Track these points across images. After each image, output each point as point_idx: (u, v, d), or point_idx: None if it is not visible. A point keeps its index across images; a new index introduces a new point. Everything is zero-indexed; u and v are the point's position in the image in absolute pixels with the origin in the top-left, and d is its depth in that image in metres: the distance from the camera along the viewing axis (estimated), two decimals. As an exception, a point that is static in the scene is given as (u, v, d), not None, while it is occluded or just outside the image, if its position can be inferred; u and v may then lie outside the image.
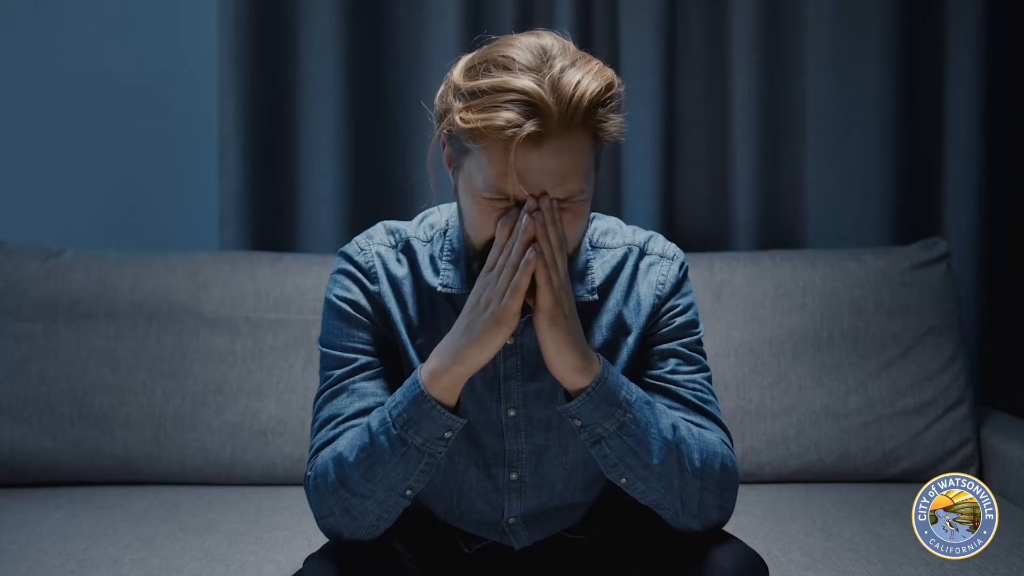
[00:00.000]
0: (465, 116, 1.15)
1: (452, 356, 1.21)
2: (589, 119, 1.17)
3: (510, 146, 1.13)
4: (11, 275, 2.07)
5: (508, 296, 1.18)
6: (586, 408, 1.22)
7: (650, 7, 2.26)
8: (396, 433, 1.22)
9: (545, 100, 1.13)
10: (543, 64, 1.16)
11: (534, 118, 1.13)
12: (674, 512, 1.27)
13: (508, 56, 1.17)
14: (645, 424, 1.23)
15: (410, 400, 1.22)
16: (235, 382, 2.05)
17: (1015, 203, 2.38)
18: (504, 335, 1.21)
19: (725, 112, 2.35)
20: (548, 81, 1.14)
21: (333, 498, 1.25)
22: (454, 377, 1.22)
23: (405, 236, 1.37)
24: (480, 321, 1.20)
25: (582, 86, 1.15)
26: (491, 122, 1.13)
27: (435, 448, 1.23)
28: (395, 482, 1.23)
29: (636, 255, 1.38)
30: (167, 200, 2.42)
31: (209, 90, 2.34)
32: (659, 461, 1.23)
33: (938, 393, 2.08)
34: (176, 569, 1.60)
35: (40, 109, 2.39)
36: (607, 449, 1.24)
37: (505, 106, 1.13)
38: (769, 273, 2.13)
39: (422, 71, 2.31)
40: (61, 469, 2.01)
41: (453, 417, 1.22)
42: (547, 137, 1.15)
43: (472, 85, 1.16)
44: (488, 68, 1.17)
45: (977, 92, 2.28)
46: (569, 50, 1.19)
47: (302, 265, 2.12)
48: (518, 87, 1.14)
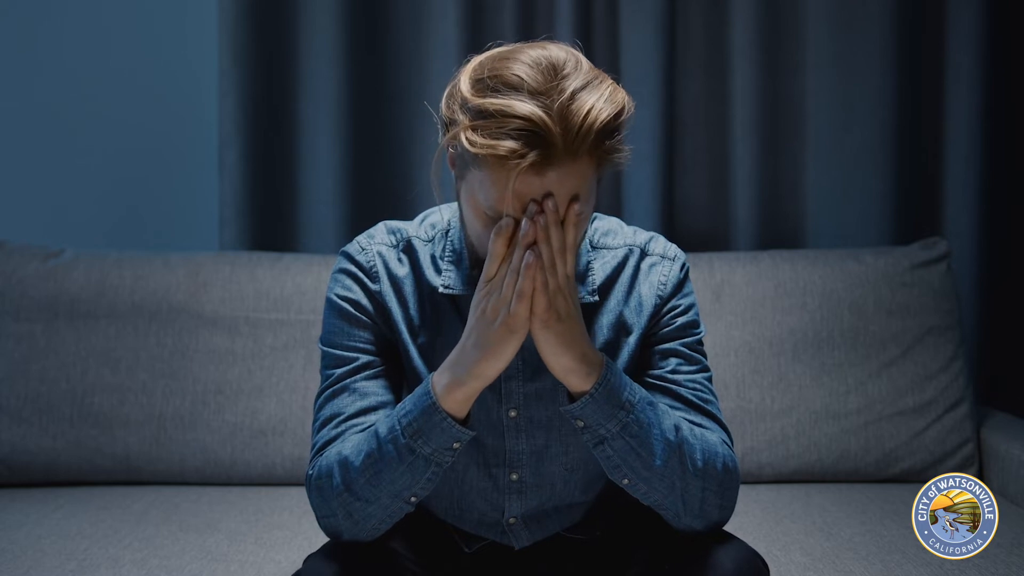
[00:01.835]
0: (471, 138, 1.13)
1: (467, 370, 1.21)
2: (596, 149, 1.15)
3: (512, 174, 1.13)
4: (11, 275, 2.07)
5: (515, 303, 1.18)
6: (589, 409, 1.22)
7: (650, 7, 2.26)
8: (405, 442, 1.22)
9: (551, 129, 1.12)
10: (553, 86, 1.13)
11: (538, 149, 1.12)
12: (676, 512, 1.27)
13: (517, 75, 1.14)
14: (648, 425, 1.23)
15: (421, 410, 1.22)
16: (235, 382, 2.05)
17: (1015, 203, 2.38)
18: (517, 343, 1.20)
19: (725, 112, 2.35)
20: (557, 108, 1.12)
21: (337, 501, 1.25)
22: (469, 391, 1.22)
23: (406, 236, 1.37)
24: (491, 332, 1.20)
25: (592, 114, 1.13)
26: (494, 150, 1.12)
27: (442, 458, 1.23)
28: (400, 489, 1.24)
29: (637, 256, 1.38)
30: (167, 200, 2.42)
31: (209, 90, 2.34)
32: (661, 462, 1.23)
33: (938, 393, 2.08)
34: (176, 569, 1.60)
35: (40, 109, 2.39)
36: (609, 450, 1.24)
37: (510, 134, 1.12)
38: (769, 273, 2.13)
39: (422, 71, 2.31)
40: (61, 469, 2.01)
41: (463, 430, 1.22)
42: (550, 165, 1.14)
43: (479, 103, 1.14)
44: (496, 86, 1.14)
45: (977, 92, 2.28)
46: (582, 67, 1.16)
47: (302, 265, 2.12)
48: (524, 114, 1.11)
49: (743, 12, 2.30)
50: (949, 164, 2.33)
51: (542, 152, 1.12)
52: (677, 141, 2.35)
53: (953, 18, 2.29)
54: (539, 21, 2.31)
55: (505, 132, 1.12)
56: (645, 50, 2.28)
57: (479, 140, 1.12)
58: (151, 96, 2.39)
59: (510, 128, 1.12)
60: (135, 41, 2.38)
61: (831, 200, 2.35)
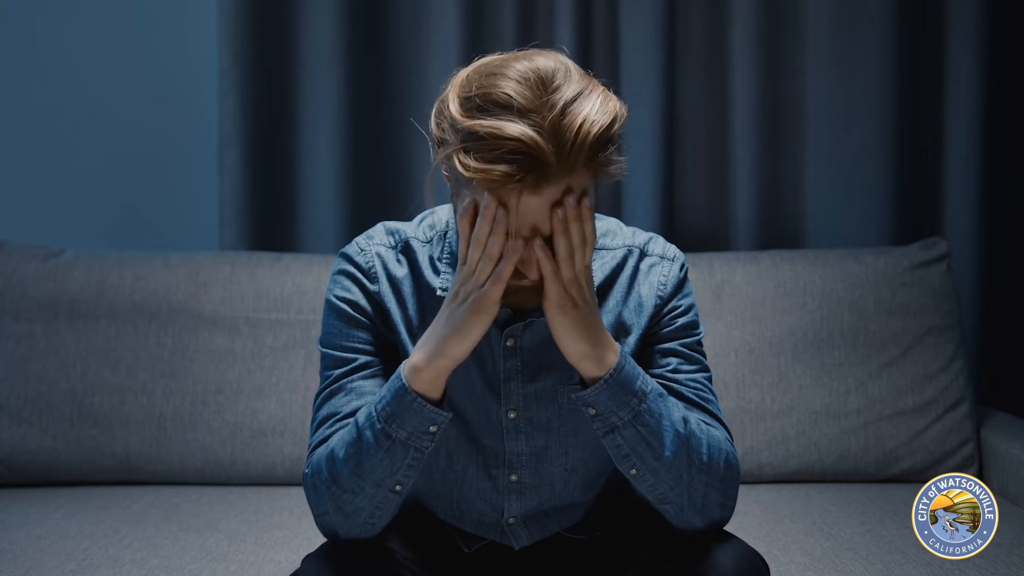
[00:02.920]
0: (464, 161, 1.12)
1: (433, 348, 1.21)
2: (591, 161, 1.15)
3: (511, 198, 1.13)
4: (11, 275, 2.07)
5: (490, 284, 1.18)
6: (603, 396, 1.22)
7: (650, 7, 2.26)
8: (380, 427, 1.21)
9: (543, 148, 1.10)
10: (543, 102, 1.11)
11: (532, 170, 1.11)
12: (679, 507, 1.27)
13: (506, 92, 1.12)
14: (659, 415, 1.23)
15: (393, 394, 1.22)
16: (235, 382, 2.05)
17: (1015, 203, 2.38)
18: (484, 323, 1.20)
19: (725, 112, 2.35)
20: (548, 125, 1.10)
21: (327, 495, 1.25)
22: (436, 370, 1.21)
23: (405, 237, 1.37)
24: (460, 311, 1.20)
25: (585, 127, 1.11)
26: (489, 175, 1.11)
27: (421, 442, 1.22)
28: (383, 477, 1.23)
29: (636, 256, 1.38)
30: (167, 200, 2.42)
31: (209, 90, 2.34)
32: (671, 453, 1.23)
33: (938, 393, 2.08)
34: (176, 569, 1.60)
35: (40, 109, 2.39)
36: (620, 439, 1.23)
37: (503, 157, 1.10)
38: (769, 273, 2.13)
39: (422, 71, 2.31)
40: (61, 469, 2.01)
41: (436, 411, 1.22)
42: (546, 183, 1.13)
43: (469, 126, 1.12)
44: (485, 105, 1.13)
45: (977, 92, 2.28)
46: (572, 77, 1.15)
47: (302, 265, 2.12)
48: (515, 136, 1.10)
49: (743, 12, 2.29)
50: (949, 164, 2.33)
51: (537, 173, 1.11)
52: (677, 141, 2.35)
53: (953, 18, 2.29)
54: (539, 21, 2.31)
55: (497, 156, 1.11)
56: (645, 50, 2.27)
57: (472, 164, 1.11)
58: (151, 96, 2.39)
59: (502, 151, 1.10)
60: (135, 41, 2.38)
61: (831, 200, 2.35)
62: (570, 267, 1.19)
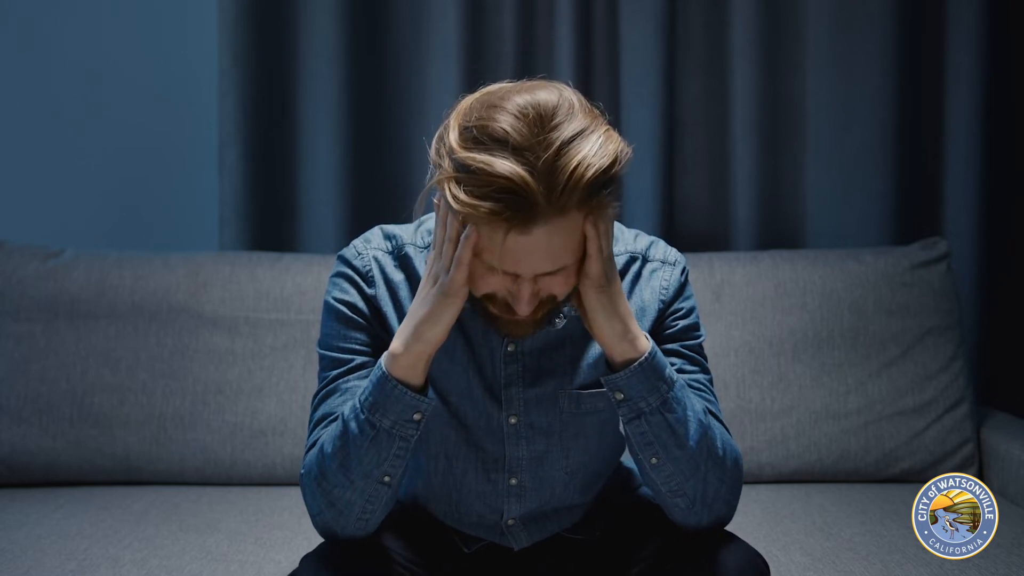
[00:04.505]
0: (454, 192, 1.11)
1: (410, 334, 1.21)
2: (584, 203, 1.12)
3: (496, 237, 1.12)
4: (11, 275, 2.07)
5: (453, 268, 1.17)
6: (634, 380, 1.22)
7: (650, 7, 2.26)
8: (365, 418, 1.21)
9: (532, 188, 1.08)
10: (539, 141, 1.09)
11: (520, 211, 1.09)
12: (691, 500, 1.26)
13: (503, 127, 1.10)
14: (685, 404, 1.23)
15: (374, 383, 1.22)
16: (235, 382, 2.05)
17: (1015, 203, 2.38)
18: (454, 308, 1.19)
19: (725, 112, 2.35)
20: (541, 165, 1.08)
21: (319, 491, 1.25)
22: (413, 356, 1.21)
23: (401, 243, 1.36)
24: (431, 295, 1.20)
25: (579, 170, 1.09)
26: (475, 211, 1.10)
27: (405, 431, 1.22)
28: (370, 468, 1.23)
29: (639, 262, 1.38)
30: (167, 200, 2.42)
31: (209, 90, 2.34)
32: (694, 443, 1.23)
33: (938, 393, 2.08)
34: (176, 569, 1.61)
35: (40, 109, 2.39)
36: (645, 426, 1.23)
37: (490, 194, 1.09)
38: (769, 273, 2.13)
39: (422, 71, 2.30)
40: (61, 469, 2.01)
41: (418, 397, 1.21)
42: (535, 223, 1.11)
43: (463, 157, 1.11)
44: (482, 138, 1.11)
45: (977, 92, 2.28)
46: (575, 114, 1.12)
47: (302, 265, 2.12)
48: (504, 174, 1.08)
49: (743, 12, 2.29)
50: (949, 164, 2.33)
51: (523, 214, 1.10)
52: (677, 141, 2.35)
53: (953, 18, 2.29)
54: (539, 21, 2.31)
55: (486, 192, 1.09)
56: (645, 50, 2.27)
57: (461, 197, 1.10)
58: (151, 96, 2.39)
59: (491, 188, 1.09)
60: (135, 41, 2.38)
61: (831, 200, 2.35)
62: (609, 243, 1.19)
